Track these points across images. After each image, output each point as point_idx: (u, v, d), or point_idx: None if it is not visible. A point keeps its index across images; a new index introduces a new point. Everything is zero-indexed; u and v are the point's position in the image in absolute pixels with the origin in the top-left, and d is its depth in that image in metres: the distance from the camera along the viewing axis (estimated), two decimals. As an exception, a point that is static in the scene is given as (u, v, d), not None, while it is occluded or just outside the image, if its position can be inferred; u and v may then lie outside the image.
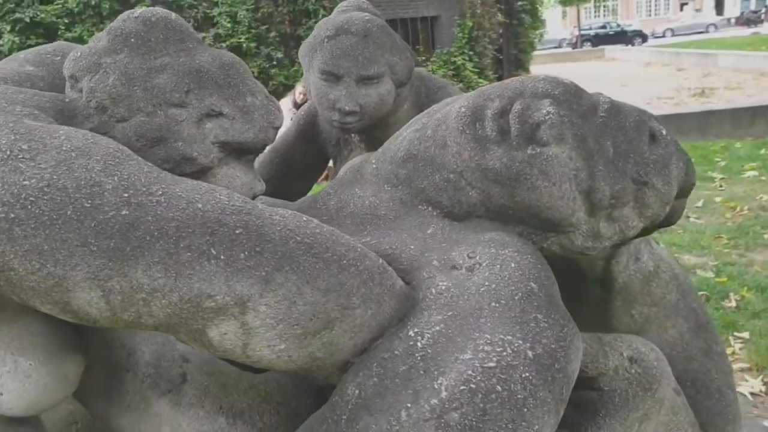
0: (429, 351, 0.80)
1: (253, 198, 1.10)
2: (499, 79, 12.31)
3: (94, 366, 1.02)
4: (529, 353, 0.77)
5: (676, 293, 1.32)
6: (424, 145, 1.03)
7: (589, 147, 0.93)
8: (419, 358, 0.79)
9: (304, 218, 0.83)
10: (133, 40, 0.96)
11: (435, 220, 1.03)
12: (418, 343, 0.81)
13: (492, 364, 0.76)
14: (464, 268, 0.90)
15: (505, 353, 0.77)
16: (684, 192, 1.12)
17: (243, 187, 1.03)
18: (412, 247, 0.99)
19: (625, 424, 1.01)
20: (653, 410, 1.04)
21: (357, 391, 0.79)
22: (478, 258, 0.91)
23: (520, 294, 0.84)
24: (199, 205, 0.75)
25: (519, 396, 0.74)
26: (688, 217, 4.36)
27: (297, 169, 1.84)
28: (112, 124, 0.93)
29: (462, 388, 0.74)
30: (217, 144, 0.98)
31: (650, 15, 41.13)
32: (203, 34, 9.13)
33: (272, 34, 9.36)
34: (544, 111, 0.92)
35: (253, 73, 1.33)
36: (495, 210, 0.98)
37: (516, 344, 0.78)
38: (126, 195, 0.72)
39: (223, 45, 9.06)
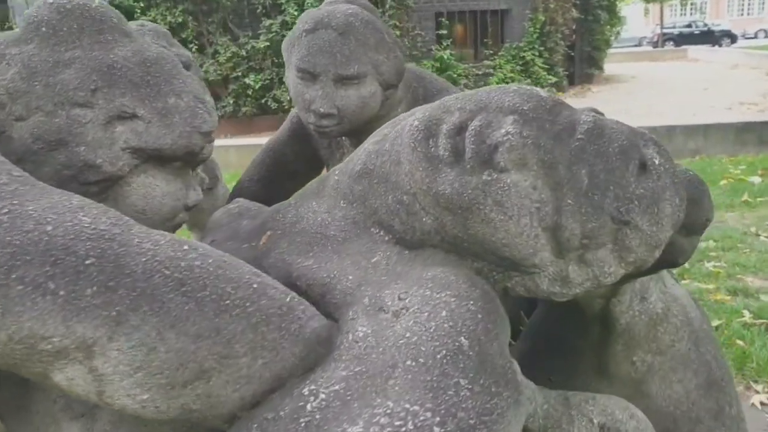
0: (317, 417, 0.66)
1: (187, 209, 0.99)
2: (570, 76, 11.95)
3: (5, 382, 0.94)
4: (437, 430, 0.63)
5: (687, 342, 1.14)
6: (381, 160, 0.90)
7: (559, 175, 0.76)
8: (303, 425, 0.66)
9: (185, 247, 0.70)
10: (44, 29, 0.86)
11: (384, 246, 0.89)
12: (309, 405, 0.67)
13: None
14: (391, 312, 0.76)
15: (404, 429, 0.62)
16: (695, 229, 0.96)
17: (165, 198, 0.92)
18: (350, 277, 0.85)
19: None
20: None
21: None
22: (407, 301, 0.76)
23: (444, 351, 0.69)
24: (49, 228, 0.63)
25: None
26: (758, 235, 4.01)
27: (289, 169, 1.71)
28: (10, 123, 0.83)
29: None
30: (128, 150, 0.87)
31: (742, 14, 38.83)
32: (270, 21, 9.17)
33: (339, 23, 9.29)
34: (503, 131, 0.76)
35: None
36: (450, 241, 0.83)
37: (422, 417, 0.63)
38: None
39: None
